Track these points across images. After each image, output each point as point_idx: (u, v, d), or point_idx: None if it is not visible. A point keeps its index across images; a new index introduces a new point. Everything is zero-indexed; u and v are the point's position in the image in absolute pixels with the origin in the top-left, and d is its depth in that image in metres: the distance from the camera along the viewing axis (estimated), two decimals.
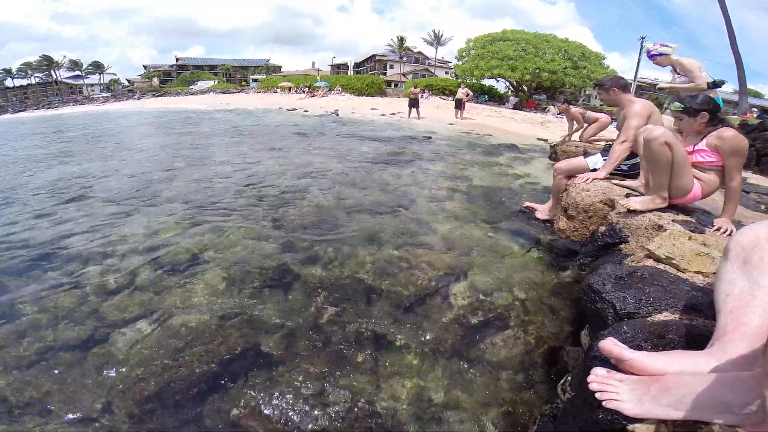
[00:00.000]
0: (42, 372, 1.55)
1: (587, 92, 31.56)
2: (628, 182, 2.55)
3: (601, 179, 2.61)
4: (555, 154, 5.50)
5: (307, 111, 16.27)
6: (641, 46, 25.53)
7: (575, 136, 6.08)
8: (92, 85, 57.97)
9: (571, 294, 2.12)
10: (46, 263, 2.48)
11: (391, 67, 48.76)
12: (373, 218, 3.21)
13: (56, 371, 1.55)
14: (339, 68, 56.24)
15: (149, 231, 2.93)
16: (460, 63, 28.15)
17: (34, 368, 1.56)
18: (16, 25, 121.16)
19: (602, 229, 2.18)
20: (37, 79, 57.39)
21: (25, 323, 1.85)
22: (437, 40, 45.73)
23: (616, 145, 2.67)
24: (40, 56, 55.62)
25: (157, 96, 39.55)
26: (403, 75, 43.73)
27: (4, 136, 12.12)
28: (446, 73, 43.39)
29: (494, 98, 27.00)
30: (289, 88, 34.29)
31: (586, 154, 3.05)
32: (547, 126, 11.97)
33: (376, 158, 5.74)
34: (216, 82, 49.04)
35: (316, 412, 1.36)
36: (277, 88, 35.45)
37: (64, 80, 57.24)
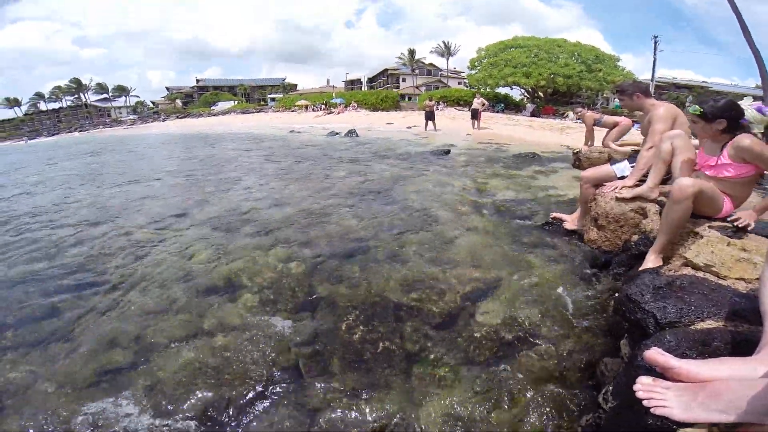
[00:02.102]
0: (94, 392, 1.64)
1: (605, 95, 31.07)
2: (636, 190, 2.46)
3: (630, 187, 2.61)
4: (578, 161, 5.44)
5: (324, 129, 16.59)
6: (655, 45, 25.19)
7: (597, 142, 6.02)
8: (119, 107, 60.26)
9: (606, 305, 2.10)
10: (90, 286, 2.60)
11: (404, 80, 49.27)
12: (397, 236, 3.24)
13: (106, 390, 1.65)
14: (353, 84, 57.26)
15: (184, 255, 3.04)
16: (473, 73, 28.26)
17: (89, 389, 1.66)
18: (40, 50, 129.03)
19: (635, 238, 2.19)
20: (69, 102, 60.04)
21: (75, 345, 1.96)
22: (448, 51, 46.09)
23: (643, 151, 2.65)
24: (69, 80, 58.29)
25: (180, 117, 41.23)
26: (417, 88, 44.13)
27: (40, 158, 12.92)
28: (459, 83, 43.48)
29: (510, 106, 26.91)
30: (306, 107, 35.12)
31: (611, 161, 3.04)
32: (567, 132, 11.85)
33: (395, 176, 5.80)
34: (236, 102, 50.73)
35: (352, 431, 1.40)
36: (295, 106, 36.37)
37: (92, 103, 59.69)
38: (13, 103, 59.68)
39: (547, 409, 1.49)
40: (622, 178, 2.78)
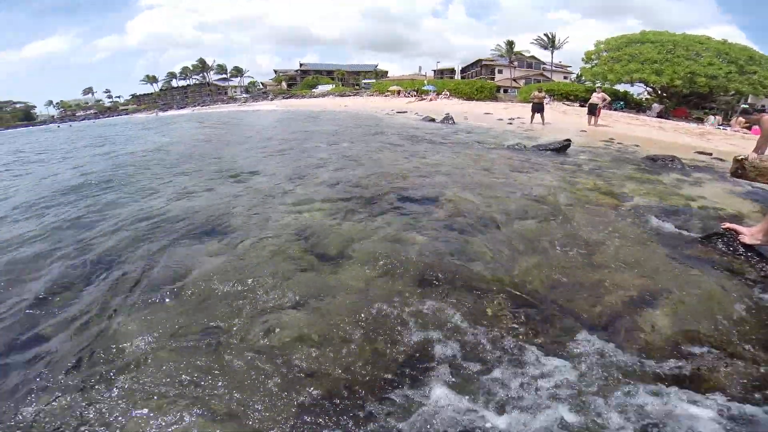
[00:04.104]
0: (202, 346, 1.68)
1: (749, 101, 25.89)
2: None
3: None
4: (742, 169, 4.55)
5: (417, 114, 16.59)
6: None
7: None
8: (235, 87, 67.76)
9: None
10: (208, 237, 2.86)
11: (500, 72, 46.59)
12: (525, 225, 3.06)
13: (212, 351, 1.66)
14: (442, 73, 55.87)
15: (299, 215, 3.24)
16: (588, 66, 25.56)
17: (194, 348, 1.70)
18: (167, 35, 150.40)
19: None
20: (195, 81, 69.50)
21: (192, 300, 2.05)
22: (552, 43, 42.29)
23: None
24: (196, 60, 67.31)
25: (286, 98, 44.85)
26: (514, 80, 41.53)
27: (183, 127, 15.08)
28: (565, 77, 39.85)
29: (631, 105, 23.88)
30: (398, 92, 35.50)
31: None
32: (708, 138, 10.05)
33: (508, 165, 5.50)
34: (333, 86, 53.30)
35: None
36: (387, 91, 37.00)
37: (214, 82, 68.27)
38: (151, 79, 71.34)
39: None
40: None
